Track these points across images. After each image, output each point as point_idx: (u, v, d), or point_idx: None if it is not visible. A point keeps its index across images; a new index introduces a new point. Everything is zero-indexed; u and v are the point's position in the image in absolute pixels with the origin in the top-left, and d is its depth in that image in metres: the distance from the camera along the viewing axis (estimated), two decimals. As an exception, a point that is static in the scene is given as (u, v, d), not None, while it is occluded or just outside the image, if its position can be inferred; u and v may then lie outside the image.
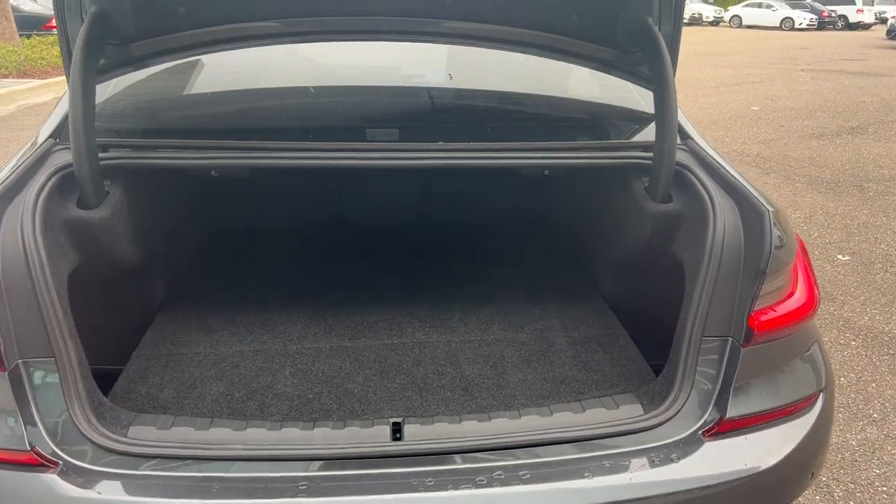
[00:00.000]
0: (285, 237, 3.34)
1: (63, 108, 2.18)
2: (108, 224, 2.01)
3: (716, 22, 37.72)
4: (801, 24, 33.27)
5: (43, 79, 11.67)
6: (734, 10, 37.19)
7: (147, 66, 2.21)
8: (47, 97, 10.92)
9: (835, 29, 33.64)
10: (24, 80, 11.36)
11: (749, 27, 34.70)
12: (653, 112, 2.37)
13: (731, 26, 35.88)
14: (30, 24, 15.22)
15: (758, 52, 20.60)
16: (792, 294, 1.83)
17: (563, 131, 2.55)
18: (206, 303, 2.68)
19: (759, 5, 35.56)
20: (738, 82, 13.70)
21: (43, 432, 1.58)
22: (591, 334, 2.51)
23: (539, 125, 2.61)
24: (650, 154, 2.15)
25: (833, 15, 33.89)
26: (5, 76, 11.61)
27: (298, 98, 2.71)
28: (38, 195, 1.78)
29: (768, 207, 1.79)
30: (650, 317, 2.34)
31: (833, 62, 17.68)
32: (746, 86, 13.22)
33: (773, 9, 34.61)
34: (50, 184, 1.84)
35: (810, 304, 1.85)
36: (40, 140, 2.09)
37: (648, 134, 2.33)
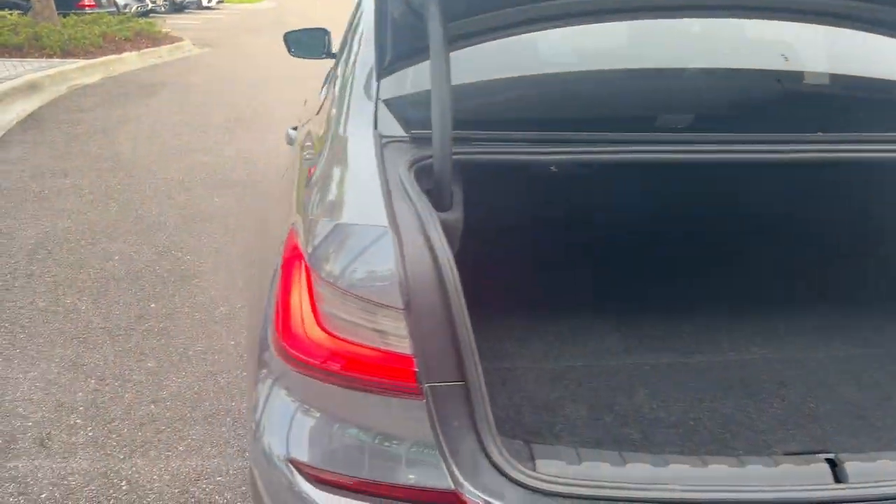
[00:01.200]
0: (556, 237, 2.94)
1: (362, 95, 1.96)
2: (457, 227, 1.79)
3: None
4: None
5: (87, 59, 11.62)
6: None
7: (467, 45, 1.98)
8: (96, 77, 10.88)
9: None
10: (68, 60, 11.33)
11: None
12: None
13: None
14: (64, 4, 15.17)
15: None
16: None
17: None
18: (489, 310, 2.41)
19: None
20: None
21: (457, 469, 1.38)
22: None
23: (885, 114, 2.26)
24: None
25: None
26: (50, 56, 11.60)
27: (627, 82, 2.49)
28: (420, 197, 1.58)
29: None
30: None
31: None
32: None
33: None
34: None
35: None
36: (359, 131, 1.89)
37: None
